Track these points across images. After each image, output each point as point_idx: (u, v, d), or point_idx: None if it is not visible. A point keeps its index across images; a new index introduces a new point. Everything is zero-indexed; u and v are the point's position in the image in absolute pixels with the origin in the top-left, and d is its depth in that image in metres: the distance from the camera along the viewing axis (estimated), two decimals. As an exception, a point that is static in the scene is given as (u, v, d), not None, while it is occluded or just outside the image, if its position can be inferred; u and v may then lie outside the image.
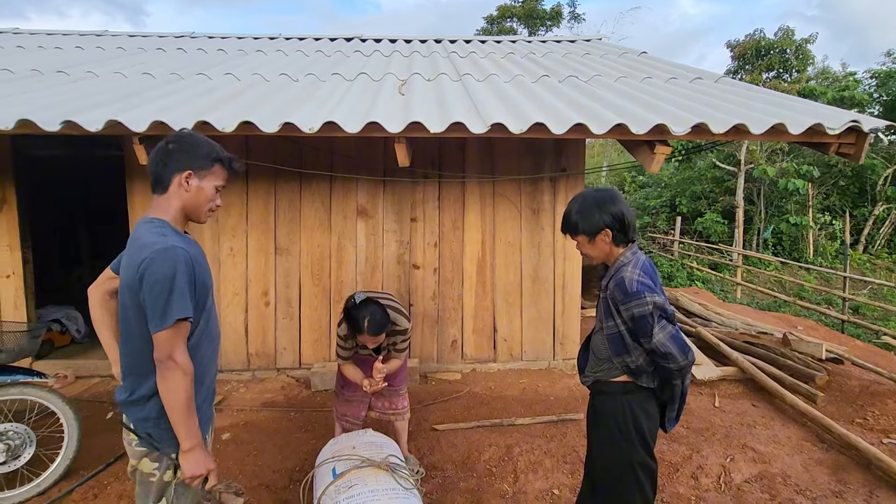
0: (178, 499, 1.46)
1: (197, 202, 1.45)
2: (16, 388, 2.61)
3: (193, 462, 1.39)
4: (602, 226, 1.72)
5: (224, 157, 1.49)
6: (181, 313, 1.32)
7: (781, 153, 13.55)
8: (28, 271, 4.19)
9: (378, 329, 2.38)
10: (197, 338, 1.46)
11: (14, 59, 4.16)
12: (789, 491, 2.71)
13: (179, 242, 1.37)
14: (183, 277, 1.33)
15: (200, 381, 1.49)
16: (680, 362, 1.64)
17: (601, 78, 3.75)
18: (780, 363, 4.25)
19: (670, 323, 1.69)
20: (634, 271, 1.69)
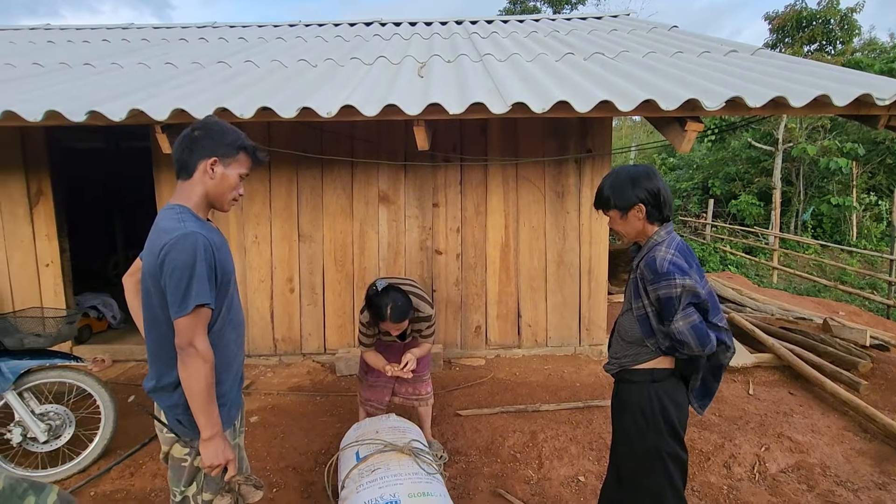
0: (208, 484, 1.48)
1: (221, 190, 1.45)
2: (55, 371, 2.72)
3: (213, 451, 1.39)
4: (635, 201, 1.64)
5: (249, 145, 1.48)
6: (201, 299, 1.32)
7: (823, 130, 12.84)
8: (65, 260, 4.35)
9: (401, 316, 2.36)
10: (220, 324, 1.46)
11: (44, 54, 4.28)
12: (829, 482, 2.59)
13: (199, 228, 1.37)
14: (203, 264, 1.32)
15: (226, 368, 1.50)
16: (694, 351, 1.59)
17: (628, 54, 3.59)
18: (820, 350, 4.06)
19: (702, 310, 1.60)
20: (668, 251, 1.61)
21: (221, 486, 1.48)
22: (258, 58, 3.87)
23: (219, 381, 1.43)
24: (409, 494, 2.01)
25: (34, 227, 4.22)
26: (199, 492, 1.47)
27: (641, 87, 2.61)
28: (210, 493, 1.47)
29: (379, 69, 3.45)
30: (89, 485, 2.63)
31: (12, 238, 4.20)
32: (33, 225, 4.22)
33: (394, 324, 2.37)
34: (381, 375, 2.72)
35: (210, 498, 1.48)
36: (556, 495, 2.53)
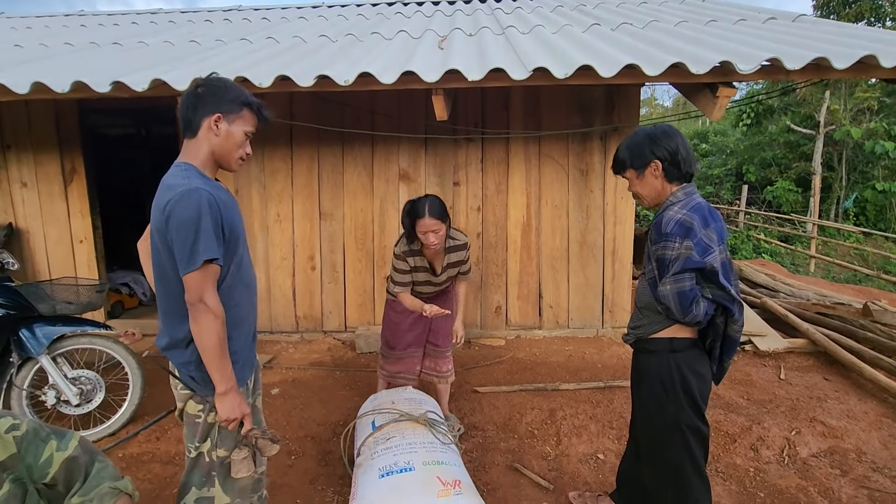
0: (222, 440, 1.49)
1: (226, 147, 1.44)
2: (86, 338, 2.82)
3: (228, 405, 1.40)
4: (651, 157, 1.58)
5: (253, 101, 1.47)
6: (208, 254, 1.31)
7: (869, 112, 12.14)
8: (98, 237, 4.50)
9: (439, 212, 2.29)
10: (230, 282, 1.46)
11: (75, 35, 4.40)
12: (864, 467, 2.47)
13: (204, 185, 1.36)
14: (208, 219, 1.32)
15: (237, 326, 1.50)
16: (676, 317, 1.55)
17: (658, 24, 3.43)
18: (860, 336, 3.86)
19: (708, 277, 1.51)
20: (679, 211, 1.54)
21: (238, 441, 1.49)
22: (279, 35, 3.88)
23: (229, 337, 1.43)
24: (424, 462, 2.01)
25: (69, 204, 4.37)
26: (213, 447, 1.48)
27: (671, 53, 2.49)
28: (225, 449, 1.49)
29: (399, 42, 3.40)
30: (118, 447, 2.72)
31: (49, 215, 4.36)
32: (68, 202, 4.37)
33: (432, 219, 2.27)
34: (410, 345, 2.69)
35: (225, 454, 1.49)
36: (573, 471, 2.48)
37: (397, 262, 2.47)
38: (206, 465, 1.48)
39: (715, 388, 3.25)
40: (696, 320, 1.53)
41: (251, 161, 4.21)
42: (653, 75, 2.31)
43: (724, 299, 1.52)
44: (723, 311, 1.57)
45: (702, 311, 1.53)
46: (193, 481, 1.49)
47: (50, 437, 1.34)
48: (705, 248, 1.50)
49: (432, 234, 2.31)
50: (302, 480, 2.43)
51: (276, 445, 1.54)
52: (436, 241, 2.33)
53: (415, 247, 2.45)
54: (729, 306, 1.54)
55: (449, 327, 2.75)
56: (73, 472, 1.32)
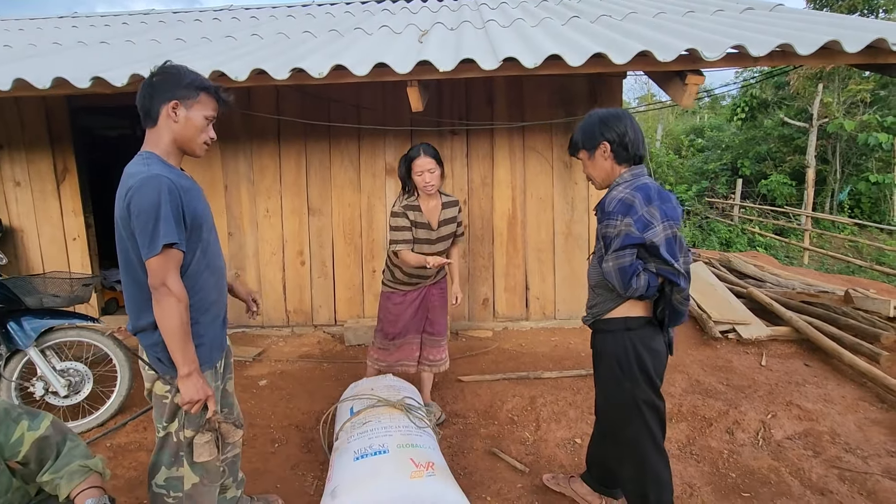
0: (189, 421, 1.52)
1: (187, 133, 1.46)
2: (74, 331, 2.87)
3: (192, 387, 1.42)
4: (601, 139, 1.64)
5: (209, 85, 1.49)
6: (168, 239, 1.34)
7: (862, 105, 12.17)
8: (91, 235, 4.55)
9: (433, 153, 2.43)
10: (196, 268, 1.49)
11: (65, 35, 4.45)
12: (837, 449, 2.51)
13: (164, 172, 1.39)
14: (167, 205, 1.35)
15: (204, 311, 1.53)
16: (619, 292, 1.62)
17: (637, 15, 3.47)
18: (842, 323, 3.90)
19: (651, 252, 1.55)
20: (624, 191, 1.60)
21: (202, 424, 1.53)
22: (264, 32, 3.92)
23: (194, 321, 1.47)
24: (398, 445, 2.05)
25: (61, 202, 4.42)
26: (180, 428, 1.52)
27: (644, 42, 2.53)
28: (191, 430, 1.52)
29: (380, 37, 3.45)
30: (106, 437, 2.78)
31: (42, 213, 4.42)
32: (60, 201, 4.42)
33: (427, 158, 2.40)
34: (409, 332, 2.71)
35: (192, 434, 1.52)
36: (550, 455, 2.53)
37: (396, 220, 2.50)
38: (173, 445, 1.52)
39: (695, 374, 3.30)
40: (636, 294, 1.59)
41: (239, 157, 4.26)
42: (620, 63, 2.34)
43: (669, 272, 1.57)
44: (669, 282, 1.61)
45: (642, 285, 1.57)
46: (163, 461, 1.53)
47: (21, 418, 1.39)
48: (646, 224, 1.55)
49: (428, 174, 2.40)
50: (283, 466, 2.48)
51: (239, 430, 1.58)
52: (432, 181, 2.42)
53: (412, 202, 2.51)
54: (674, 279, 1.59)
55: (444, 316, 2.80)
56: (45, 450, 1.37)
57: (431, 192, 2.48)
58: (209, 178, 4.24)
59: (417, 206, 2.52)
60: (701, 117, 22.12)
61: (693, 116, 22.67)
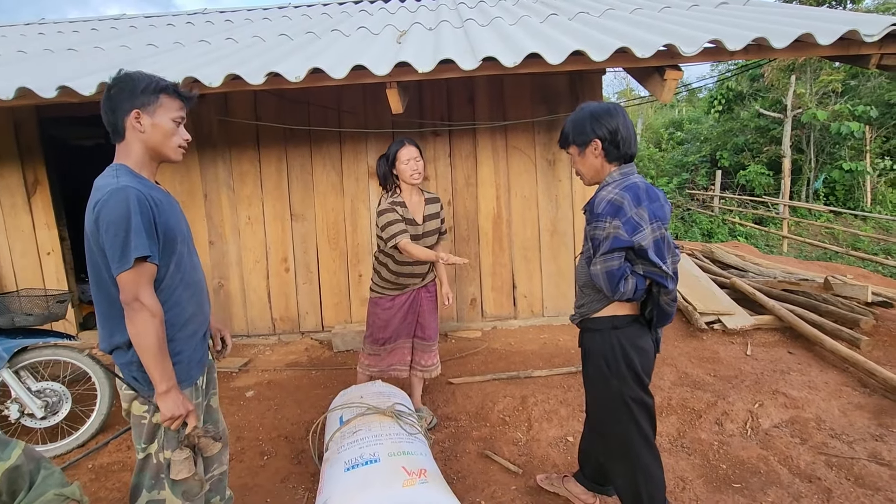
0: (168, 441, 1.46)
1: (157, 139, 1.42)
2: (49, 350, 2.77)
3: (171, 404, 1.38)
4: (592, 136, 1.61)
5: (167, 84, 1.42)
6: (139, 252, 1.30)
7: (834, 95, 12.45)
8: (66, 248, 4.42)
9: (416, 144, 2.46)
10: (169, 282, 1.44)
11: (31, 43, 4.31)
12: (823, 435, 2.55)
13: (132, 183, 1.34)
14: (137, 217, 1.30)
15: (181, 327, 1.47)
16: (607, 295, 1.61)
17: (614, 11, 3.49)
18: (822, 310, 3.97)
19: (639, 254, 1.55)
20: (613, 191, 1.58)
21: (181, 441, 1.47)
22: (239, 35, 3.85)
23: (170, 338, 1.42)
24: (389, 453, 2.02)
25: (33, 216, 4.29)
26: (160, 449, 1.46)
27: (620, 39, 2.53)
28: (171, 451, 1.46)
29: (357, 38, 3.41)
30: (87, 458, 2.69)
31: (13, 228, 4.28)
32: (32, 214, 4.29)
33: (411, 147, 2.44)
34: (400, 336, 2.68)
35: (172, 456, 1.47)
36: (543, 455, 2.53)
37: (387, 215, 2.45)
38: (154, 467, 1.46)
39: (682, 367, 3.33)
40: (624, 297, 1.58)
41: (219, 165, 4.17)
42: (599, 60, 2.35)
43: (657, 275, 1.56)
44: (657, 284, 1.61)
45: (630, 288, 1.56)
46: (144, 483, 1.48)
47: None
48: (635, 226, 1.53)
49: (413, 162, 2.42)
50: (273, 480, 2.43)
51: (217, 444, 1.54)
52: (417, 169, 2.44)
53: (397, 198, 2.50)
54: (662, 281, 1.58)
55: (435, 320, 2.77)
56: (17, 481, 1.31)
57: (418, 180, 2.48)
58: (188, 187, 4.15)
59: (402, 202, 2.51)
60: (679, 111, 22.44)
61: (672, 110, 23.00)
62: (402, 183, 2.51)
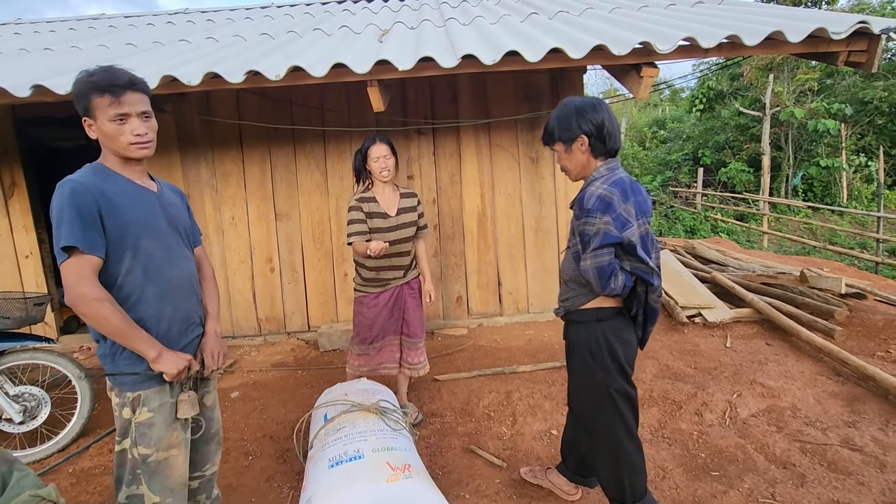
0: (141, 438, 1.43)
1: (108, 143, 1.40)
2: (27, 353, 2.73)
3: (169, 363, 1.40)
4: (578, 132, 1.62)
5: (92, 82, 1.35)
6: (67, 241, 1.28)
7: (811, 94, 12.75)
8: (45, 251, 4.34)
9: (388, 141, 2.48)
10: (128, 279, 1.39)
11: (7, 43, 4.23)
12: (798, 423, 2.62)
13: (81, 177, 1.36)
14: (70, 208, 1.29)
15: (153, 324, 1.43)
16: (596, 290, 1.63)
17: (593, 11, 3.54)
18: (798, 302, 4.08)
19: (627, 250, 1.58)
20: (601, 186, 1.59)
21: (186, 385, 1.53)
22: (220, 34, 3.82)
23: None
24: (374, 449, 2.03)
25: (10, 219, 4.21)
26: (133, 445, 1.44)
27: (598, 37, 2.57)
28: (145, 447, 1.43)
29: (339, 37, 3.41)
30: (68, 462, 2.66)
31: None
32: (9, 217, 4.21)
33: (382, 145, 2.47)
34: (387, 334, 2.68)
35: (147, 451, 1.44)
36: (527, 448, 2.56)
37: (351, 213, 2.53)
38: (130, 462, 1.45)
39: (664, 360, 3.39)
40: (613, 293, 1.61)
41: (201, 165, 4.14)
42: (577, 58, 2.38)
43: (643, 271, 1.59)
44: (643, 281, 1.64)
45: (619, 284, 1.59)
46: (123, 477, 1.47)
47: None
48: (624, 222, 1.56)
49: (384, 160, 2.46)
50: (258, 479, 2.43)
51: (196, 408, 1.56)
52: (387, 166, 2.49)
53: (367, 194, 2.54)
54: (648, 278, 1.61)
55: (420, 316, 2.78)
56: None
57: (388, 177, 2.53)
58: (169, 187, 4.10)
59: (372, 197, 2.55)
60: (662, 109, 22.75)
61: (655, 109, 23.31)
62: (374, 178, 2.56)
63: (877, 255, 7.87)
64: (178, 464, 1.49)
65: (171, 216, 1.54)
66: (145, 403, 1.43)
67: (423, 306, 2.82)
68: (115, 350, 1.41)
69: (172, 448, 1.48)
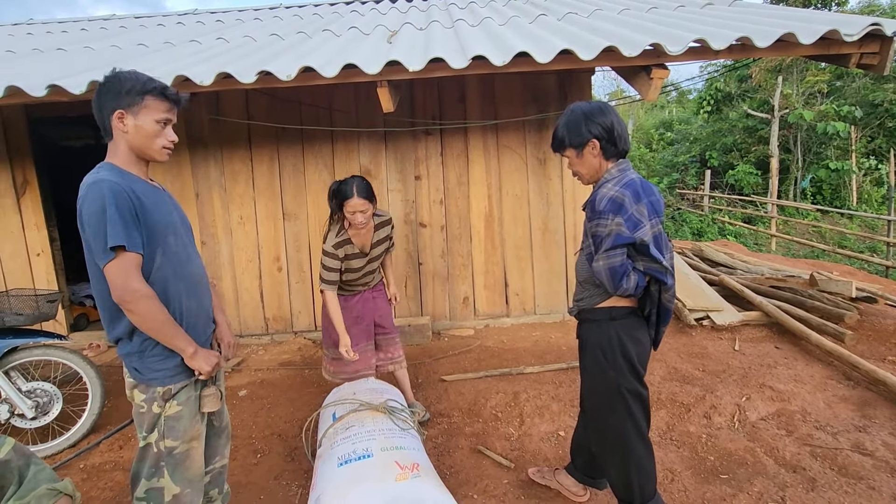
0: (169, 431, 1.48)
1: (140, 141, 1.43)
2: (39, 350, 2.76)
3: (202, 361, 1.46)
4: (589, 136, 1.63)
5: (153, 87, 1.42)
6: (115, 241, 1.31)
7: (820, 96, 12.66)
8: (55, 249, 4.39)
9: (366, 192, 2.35)
10: (159, 275, 1.44)
11: (20, 43, 4.28)
12: (808, 427, 2.60)
13: (111, 177, 1.36)
14: (113, 208, 1.31)
15: (182, 323, 1.47)
16: (609, 291, 1.64)
17: (602, 12, 3.54)
18: (808, 305, 4.04)
19: (640, 250, 1.58)
20: (613, 188, 1.60)
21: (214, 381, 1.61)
22: (230, 35, 3.85)
23: None
24: (382, 448, 2.03)
25: (22, 217, 4.26)
26: (160, 438, 1.48)
27: (608, 38, 2.58)
28: (172, 440, 1.48)
29: (348, 38, 3.42)
30: (79, 458, 2.68)
31: (2, 229, 4.25)
32: (21, 215, 4.26)
33: (360, 199, 2.32)
34: (360, 340, 2.69)
35: (173, 444, 1.49)
36: (535, 449, 2.55)
37: (327, 259, 2.46)
38: (154, 456, 1.48)
39: (672, 362, 3.38)
40: (626, 293, 1.60)
41: (210, 164, 4.17)
42: (587, 59, 2.39)
43: (657, 271, 1.59)
44: (656, 281, 1.64)
45: (632, 285, 1.59)
46: (143, 472, 1.49)
47: None
48: (636, 223, 1.56)
49: (360, 214, 2.36)
50: (267, 477, 2.44)
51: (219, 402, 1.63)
52: (363, 220, 2.38)
53: (343, 237, 2.47)
54: (661, 277, 1.61)
55: (390, 313, 2.81)
56: (6, 476, 1.31)
57: (363, 229, 2.46)
58: (179, 187, 4.14)
59: (348, 239, 2.48)
60: (669, 111, 22.67)
61: (662, 111, 23.23)
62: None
63: (887, 259, 7.80)
64: (197, 455, 1.54)
65: (181, 214, 1.61)
66: (175, 397, 1.48)
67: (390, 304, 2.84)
68: (145, 347, 1.44)
69: (194, 440, 1.53)
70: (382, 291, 2.82)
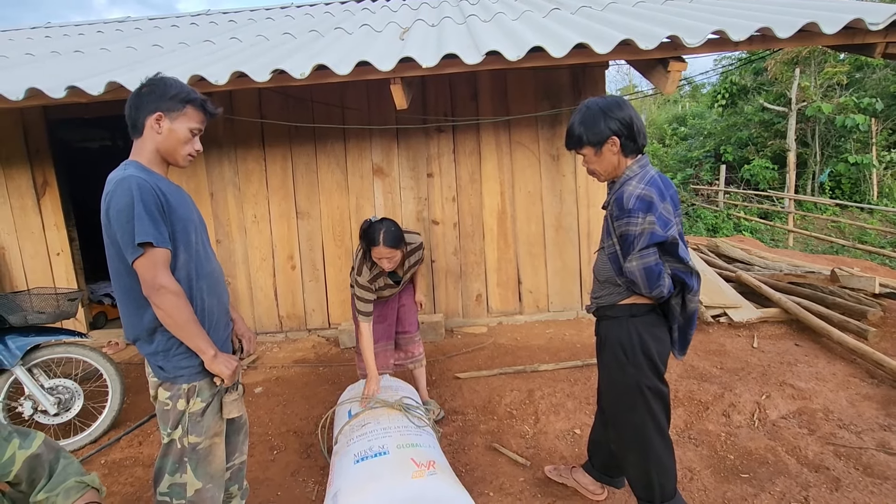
0: (193, 427, 1.50)
1: (170, 144, 1.47)
2: (61, 347, 2.81)
3: (222, 365, 1.47)
4: (608, 133, 1.57)
5: (196, 98, 1.48)
6: (144, 237, 1.33)
7: (839, 88, 12.36)
8: (75, 248, 4.46)
9: (394, 241, 2.33)
10: (184, 272, 1.46)
11: (38, 46, 4.36)
12: (831, 425, 2.55)
13: (139, 173, 1.39)
14: (140, 204, 1.34)
15: (201, 319, 1.48)
16: (643, 293, 1.58)
17: (617, 5, 3.49)
18: (829, 302, 3.96)
19: (668, 250, 1.55)
20: (638, 186, 1.56)
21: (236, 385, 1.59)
22: (243, 35, 3.87)
23: None
24: (398, 445, 2.04)
25: (42, 217, 4.34)
26: (184, 434, 1.50)
27: (624, 31, 2.54)
28: (196, 436, 1.50)
29: (361, 35, 3.42)
30: (100, 454, 2.73)
31: (23, 229, 4.33)
32: (42, 215, 4.34)
33: (387, 248, 2.31)
34: (380, 339, 2.73)
35: (197, 440, 1.51)
36: (550, 447, 2.54)
37: (361, 291, 2.45)
38: (177, 452, 1.50)
39: (690, 360, 3.33)
40: (661, 295, 1.57)
41: (224, 164, 4.21)
42: (603, 53, 2.35)
43: (682, 272, 1.56)
44: (679, 290, 1.60)
45: (667, 286, 1.56)
46: (166, 468, 1.51)
47: (12, 436, 1.36)
48: (666, 221, 1.53)
49: (386, 261, 2.38)
50: (283, 474, 2.46)
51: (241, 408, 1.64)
52: (389, 266, 2.41)
53: (376, 271, 2.49)
54: (686, 279, 1.58)
55: (414, 314, 2.84)
56: (36, 469, 1.34)
57: (390, 269, 2.46)
58: (194, 186, 4.18)
59: (381, 272, 2.50)
60: (683, 106, 22.35)
61: (675, 105, 22.91)
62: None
63: (909, 255, 7.61)
64: (219, 451, 1.56)
65: (199, 213, 1.63)
66: (199, 394, 1.50)
67: (416, 305, 2.87)
68: (170, 346, 1.46)
69: (216, 436, 1.55)
70: (411, 296, 2.84)
